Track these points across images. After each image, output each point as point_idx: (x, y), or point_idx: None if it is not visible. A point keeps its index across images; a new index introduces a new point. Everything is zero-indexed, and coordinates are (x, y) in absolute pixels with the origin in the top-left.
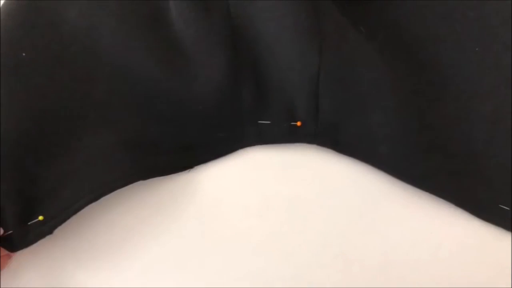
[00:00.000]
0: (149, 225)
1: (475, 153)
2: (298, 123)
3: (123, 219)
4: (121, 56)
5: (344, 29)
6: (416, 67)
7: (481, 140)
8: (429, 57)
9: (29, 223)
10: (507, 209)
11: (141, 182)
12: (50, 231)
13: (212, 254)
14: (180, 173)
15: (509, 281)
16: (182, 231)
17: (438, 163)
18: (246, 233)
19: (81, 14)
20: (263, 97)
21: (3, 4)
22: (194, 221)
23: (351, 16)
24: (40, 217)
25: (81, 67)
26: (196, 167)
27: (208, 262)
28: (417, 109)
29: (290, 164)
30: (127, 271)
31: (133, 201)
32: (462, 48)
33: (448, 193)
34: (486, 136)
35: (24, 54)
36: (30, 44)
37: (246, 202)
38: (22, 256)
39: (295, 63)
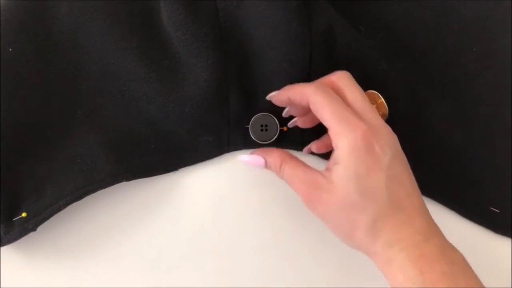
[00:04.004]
0: (132, 225)
1: (467, 154)
2: (285, 129)
3: (106, 219)
4: (109, 55)
5: (336, 34)
6: (414, 66)
7: (476, 141)
8: (427, 56)
9: (13, 219)
10: (497, 212)
11: (125, 182)
12: (33, 228)
13: (190, 255)
14: (164, 175)
15: (509, 281)
16: (165, 232)
17: (428, 163)
18: (231, 235)
19: (72, 11)
20: (249, 101)
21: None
22: (177, 222)
23: (350, 15)
24: (24, 214)
25: (69, 64)
26: (181, 169)
27: (185, 263)
28: (412, 109)
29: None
30: (108, 271)
31: (118, 201)
32: (460, 48)
33: (438, 194)
34: (482, 137)
35: (10, 50)
36: (16, 39)
37: (230, 205)
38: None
39: (284, 69)
